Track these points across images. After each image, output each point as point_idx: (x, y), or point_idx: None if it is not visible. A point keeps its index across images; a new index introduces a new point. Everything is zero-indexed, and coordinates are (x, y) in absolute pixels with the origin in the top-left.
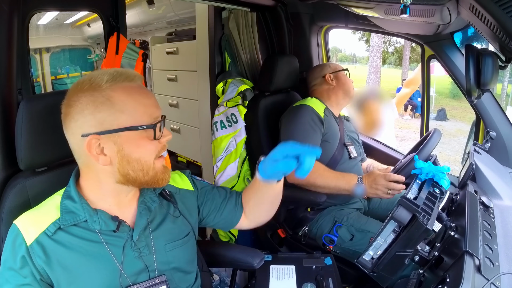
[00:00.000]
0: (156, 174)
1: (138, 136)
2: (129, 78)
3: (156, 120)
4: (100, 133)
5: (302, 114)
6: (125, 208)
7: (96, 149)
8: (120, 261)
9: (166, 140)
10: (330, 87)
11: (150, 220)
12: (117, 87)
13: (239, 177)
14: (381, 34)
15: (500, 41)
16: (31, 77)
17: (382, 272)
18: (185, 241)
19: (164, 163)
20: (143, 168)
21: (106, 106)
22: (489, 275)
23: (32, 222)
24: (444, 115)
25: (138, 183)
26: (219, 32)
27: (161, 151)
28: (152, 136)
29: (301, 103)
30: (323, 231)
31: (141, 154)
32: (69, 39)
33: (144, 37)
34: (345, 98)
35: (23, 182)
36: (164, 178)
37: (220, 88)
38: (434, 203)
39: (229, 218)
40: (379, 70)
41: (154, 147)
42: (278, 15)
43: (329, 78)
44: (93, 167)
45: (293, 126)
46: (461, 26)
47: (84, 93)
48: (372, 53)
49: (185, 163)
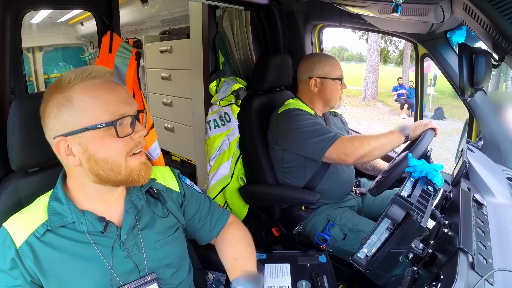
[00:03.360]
0: (130, 173)
1: (102, 135)
2: (92, 75)
3: (118, 117)
4: (65, 134)
5: (301, 115)
6: (112, 208)
7: (65, 150)
8: (110, 261)
9: (138, 136)
10: (311, 91)
11: (138, 218)
12: (78, 87)
13: (233, 176)
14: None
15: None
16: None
17: (376, 269)
18: (174, 237)
19: (142, 161)
20: (112, 167)
21: (66, 108)
22: (482, 272)
23: (21, 224)
24: (441, 114)
25: (114, 183)
26: (213, 30)
27: (134, 148)
28: (124, 133)
29: (289, 107)
30: (316, 230)
31: (107, 153)
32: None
33: (137, 36)
34: (325, 107)
35: (16, 183)
36: (141, 176)
37: (214, 87)
38: (428, 201)
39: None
40: (376, 69)
41: (122, 144)
42: (272, 14)
43: (313, 83)
44: (71, 168)
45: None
46: (454, 25)
47: (51, 95)
48: (370, 52)
49: (179, 162)
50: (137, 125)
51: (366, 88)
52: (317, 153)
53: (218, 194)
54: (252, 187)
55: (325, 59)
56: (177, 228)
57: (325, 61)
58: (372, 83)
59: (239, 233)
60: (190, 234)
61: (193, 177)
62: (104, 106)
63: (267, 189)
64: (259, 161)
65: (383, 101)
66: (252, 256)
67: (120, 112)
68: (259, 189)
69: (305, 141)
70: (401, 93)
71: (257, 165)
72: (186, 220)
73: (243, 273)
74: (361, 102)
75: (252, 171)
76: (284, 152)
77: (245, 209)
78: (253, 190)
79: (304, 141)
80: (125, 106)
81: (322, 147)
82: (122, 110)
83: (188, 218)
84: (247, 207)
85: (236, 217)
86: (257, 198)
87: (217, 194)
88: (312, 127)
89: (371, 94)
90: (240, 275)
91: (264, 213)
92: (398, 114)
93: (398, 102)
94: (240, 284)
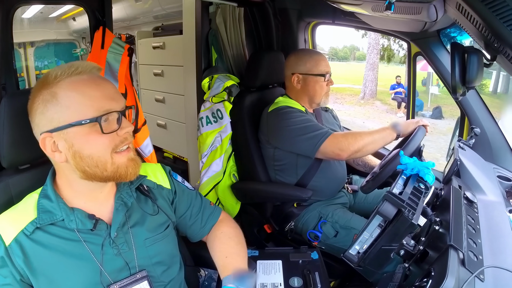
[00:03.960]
0: (117, 169)
1: (86, 131)
2: (78, 71)
3: (104, 113)
4: (51, 131)
5: (293, 114)
6: (102, 205)
7: (51, 146)
8: (100, 259)
9: (124, 133)
10: (295, 88)
11: (128, 215)
12: (64, 82)
13: (225, 173)
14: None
15: (485, 39)
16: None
17: (368, 266)
18: (165, 235)
19: (130, 157)
20: (97, 164)
21: (52, 104)
22: (473, 268)
23: (10, 222)
24: (439, 113)
25: (101, 179)
26: (206, 27)
27: (120, 144)
28: (110, 129)
29: (280, 105)
30: (308, 227)
31: (92, 150)
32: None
33: (130, 32)
34: (311, 104)
35: (6, 180)
36: (128, 172)
37: (206, 84)
38: (419, 198)
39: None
40: (376, 67)
41: (107, 141)
42: (265, 11)
43: (295, 79)
44: (59, 165)
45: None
46: (447, 24)
47: (38, 91)
48: (369, 50)
49: (172, 158)
50: (124, 121)
51: (365, 86)
52: (311, 149)
53: (210, 191)
54: (244, 184)
55: (309, 55)
56: (167, 225)
57: (308, 57)
58: (371, 81)
59: (230, 230)
60: (182, 231)
61: (185, 174)
62: (90, 102)
63: (259, 186)
64: (251, 158)
65: (382, 100)
66: (243, 253)
67: (105, 108)
68: (251, 186)
69: (297, 138)
70: (399, 92)
71: (249, 162)
72: (177, 217)
73: (233, 271)
74: (359, 101)
75: (244, 168)
76: (275, 150)
77: (237, 206)
78: (245, 187)
79: (296, 138)
80: (111, 102)
81: (315, 143)
82: (107, 106)
83: (179, 215)
84: (239, 204)
85: (227, 214)
86: (249, 195)
87: (209, 191)
88: (303, 124)
89: (370, 93)
90: (231, 273)
91: (256, 210)
92: (395, 113)
93: (395, 100)
94: (230, 282)
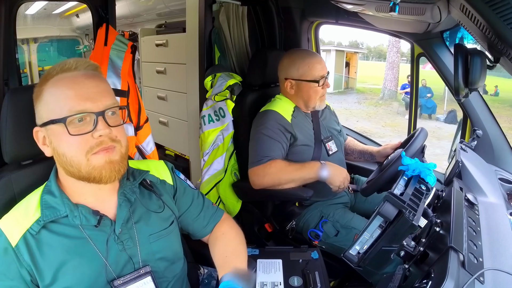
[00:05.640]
0: (91, 171)
1: (60, 130)
2: (65, 68)
3: (75, 113)
4: (40, 125)
5: (266, 122)
6: (105, 201)
7: (42, 140)
8: (105, 255)
9: (99, 136)
10: (288, 92)
11: (132, 211)
12: (52, 79)
13: (226, 171)
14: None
15: (489, 41)
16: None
17: (368, 266)
18: (169, 231)
19: (109, 159)
20: (71, 164)
21: (39, 100)
22: (473, 270)
23: (15, 222)
24: (453, 117)
25: (79, 178)
26: (209, 25)
27: (96, 147)
28: (81, 130)
29: (267, 108)
30: (309, 226)
31: (65, 149)
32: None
33: (133, 29)
34: (306, 107)
35: (9, 176)
36: (103, 175)
37: (209, 82)
38: (420, 199)
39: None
40: (395, 66)
41: (77, 142)
42: (269, 9)
43: (288, 85)
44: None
45: (257, 135)
46: (451, 25)
47: (36, 87)
48: (389, 48)
49: (173, 156)
50: (100, 124)
51: (385, 86)
52: (250, 162)
53: (211, 189)
54: (245, 182)
55: (301, 58)
56: (172, 221)
57: (301, 60)
58: (390, 81)
59: (231, 231)
60: (183, 229)
61: (187, 172)
62: (64, 101)
63: None
64: None
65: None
66: (242, 253)
67: (78, 109)
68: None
69: (250, 144)
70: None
71: None
72: (179, 214)
73: (232, 269)
74: (378, 101)
75: (246, 166)
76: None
77: (238, 204)
78: (246, 185)
79: (250, 143)
80: (85, 103)
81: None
82: (80, 106)
83: (181, 212)
84: (240, 203)
85: (229, 215)
86: (251, 194)
87: (211, 189)
88: (262, 136)
89: (389, 93)
90: (230, 271)
91: (257, 209)
92: (403, 115)
93: (404, 101)
94: (229, 280)
